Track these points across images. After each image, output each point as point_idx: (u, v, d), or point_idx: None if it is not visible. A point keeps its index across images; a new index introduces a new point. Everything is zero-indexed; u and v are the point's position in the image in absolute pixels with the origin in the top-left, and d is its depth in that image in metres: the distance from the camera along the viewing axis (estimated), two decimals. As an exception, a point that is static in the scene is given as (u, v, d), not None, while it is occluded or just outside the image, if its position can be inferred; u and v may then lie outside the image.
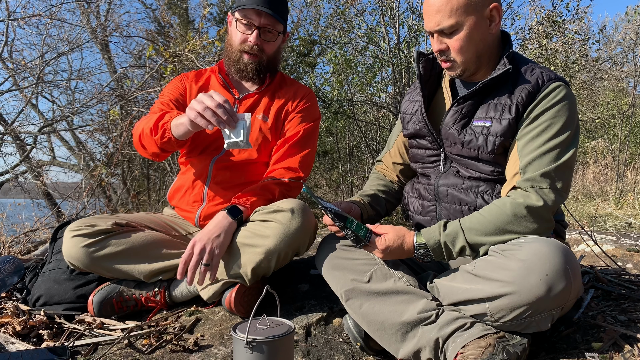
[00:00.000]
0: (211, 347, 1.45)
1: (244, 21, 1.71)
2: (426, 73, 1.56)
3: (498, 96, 1.40)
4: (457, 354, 1.21)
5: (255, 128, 1.78)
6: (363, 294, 1.37)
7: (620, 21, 15.45)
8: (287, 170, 1.73)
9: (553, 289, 1.14)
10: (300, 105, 1.83)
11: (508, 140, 1.37)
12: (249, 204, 1.60)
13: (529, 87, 1.35)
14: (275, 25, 1.73)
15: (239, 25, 1.73)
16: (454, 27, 1.34)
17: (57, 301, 1.69)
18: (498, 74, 1.37)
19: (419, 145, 1.58)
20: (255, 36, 1.71)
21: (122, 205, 5.52)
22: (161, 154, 1.68)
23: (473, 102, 1.42)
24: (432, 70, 1.58)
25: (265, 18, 1.69)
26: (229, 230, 1.54)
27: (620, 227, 4.59)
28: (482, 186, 1.43)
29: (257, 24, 1.70)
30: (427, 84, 1.56)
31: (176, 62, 4.65)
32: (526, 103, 1.35)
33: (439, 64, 1.57)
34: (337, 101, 7.21)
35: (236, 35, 1.74)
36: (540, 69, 1.39)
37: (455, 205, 1.46)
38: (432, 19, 1.35)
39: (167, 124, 1.57)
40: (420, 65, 1.55)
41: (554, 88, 1.34)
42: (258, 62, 1.76)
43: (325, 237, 1.56)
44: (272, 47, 1.77)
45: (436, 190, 1.50)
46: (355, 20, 7.40)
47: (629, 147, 9.05)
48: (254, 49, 1.72)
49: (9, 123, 7.29)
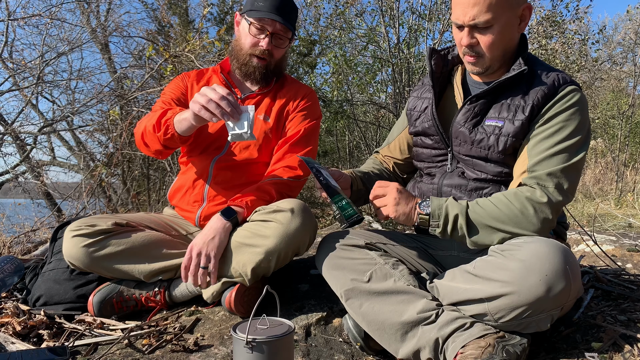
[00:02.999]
0: (211, 347, 1.45)
1: (257, 25, 1.72)
2: (438, 70, 1.54)
3: (512, 96, 1.39)
4: (456, 353, 1.21)
5: (257, 128, 1.78)
6: (363, 294, 1.37)
7: (620, 21, 15.46)
8: (287, 169, 1.73)
9: (553, 289, 1.14)
10: (302, 104, 1.83)
11: (519, 141, 1.36)
12: (244, 204, 1.60)
13: (545, 89, 1.35)
14: (286, 32, 1.75)
15: (251, 29, 1.73)
16: (489, 22, 1.31)
17: (57, 301, 1.69)
18: (514, 74, 1.36)
19: (424, 145, 1.58)
20: (268, 42, 1.73)
21: (122, 205, 5.52)
22: (164, 151, 1.68)
23: (486, 101, 1.42)
24: (444, 68, 1.56)
25: (279, 26, 1.72)
26: (224, 232, 1.55)
27: (620, 227, 4.59)
28: (487, 188, 1.42)
29: (271, 30, 1.72)
30: (438, 82, 1.55)
31: (176, 62, 4.65)
32: (542, 104, 1.35)
33: (449, 61, 1.57)
34: (337, 101, 7.20)
35: (247, 38, 1.75)
36: (556, 72, 1.39)
37: None
38: (468, 12, 1.31)
39: (169, 120, 1.57)
40: (432, 62, 1.53)
41: (570, 91, 1.35)
42: (266, 67, 1.78)
43: (325, 237, 1.56)
44: (280, 52, 1.80)
45: (439, 190, 1.50)
46: (355, 20, 7.40)
47: (629, 147, 9.05)
48: (264, 53, 1.74)
49: (9, 123, 7.30)
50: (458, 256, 1.49)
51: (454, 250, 1.52)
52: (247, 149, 1.79)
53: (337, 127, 8.02)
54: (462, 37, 1.37)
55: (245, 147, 1.79)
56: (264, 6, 1.70)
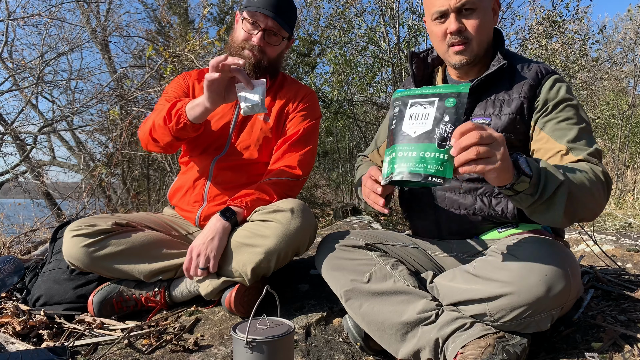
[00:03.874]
0: (211, 347, 1.45)
1: (250, 20, 1.72)
2: (419, 73, 1.56)
3: (495, 93, 1.40)
4: (456, 354, 1.21)
5: (257, 128, 1.79)
6: (363, 295, 1.37)
7: (620, 21, 15.46)
8: (287, 168, 1.73)
9: (552, 289, 1.14)
10: (301, 105, 1.83)
11: (508, 134, 1.36)
12: (243, 205, 1.61)
13: (530, 81, 1.37)
14: (280, 30, 1.74)
15: (245, 24, 1.74)
16: (475, 4, 1.35)
17: (57, 301, 1.69)
18: (495, 69, 1.38)
19: None
20: (259, 37, 1.72)
21: (122, 205, 5.52)
22: (175, 143, 1.68)
23: (470, 100, 1.42)
24: (425, 70, 1.58)
25: (271, 22, 1.71)
26: (224, 233, 1.55)
27: (620, 227, 4.59)
28: (481, 188, 1.42)
29: (263, 26, 1.71)
30: (420, 84, 1.55)
31: (176, 62, 4.65)
32: (531, 96, 1.36)
33: (429, 64, 1.58)
34: (337, 101, 7.21)
35: (241, 33, 1.75)
36: (537, 64, 1.42)
37: (455, 209, 1.46)
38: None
39: (181, 109, 1.59)
40: (413, 65, 1.54)
41: (556, 80, 1.38)
42: (258, 60, 1.76)
43: (325, 238, 1.56)
44: (274, 51, 1.78)
45: (434, 194, 1.50)
46: (355, 20, 7.41)
47: (629, 147, 9.06)
48: (255, 49, 1.73)
49: (9, 123, 7.29)
50: (457, 257, 1.49)
51: (453, 252, 1.51)
52: (248, 149, 1.79)
53: (337, 127, 8.02)
54: (447, 26, 1.38)
55: (245, 148, 1.79)
56: (258, 2, 1.71)
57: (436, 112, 1.06)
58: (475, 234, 1.48)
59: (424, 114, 1.08)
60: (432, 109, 1.07)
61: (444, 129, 1.03)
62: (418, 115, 1.08)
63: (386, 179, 1.09)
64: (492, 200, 1.41)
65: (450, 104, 1.05)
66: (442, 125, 1.04)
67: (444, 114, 1.05)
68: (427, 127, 1.05)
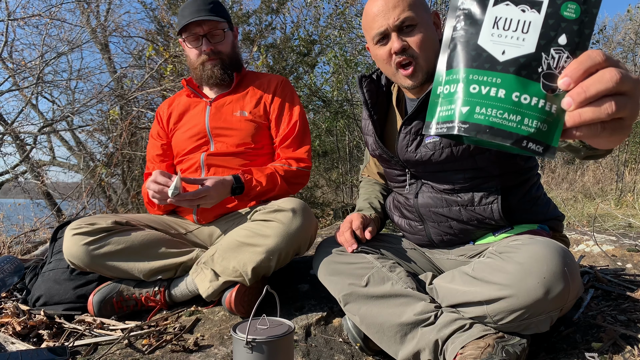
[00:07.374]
0: (211, 347, 1.45)
1: (190, 37, 1.81)
2: (372, 96, 1.51)
3: None
4: (456, 354, 1.21)
5: (234, 122, 1.85)
6: (361, 298, 1.37)
7: (620, 21, 15.44)
8: (293, 161, 1.82)
9: (551, 291, 1.13)
10: (278, 91, 1.90)
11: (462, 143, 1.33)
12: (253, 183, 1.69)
13: None
14: (217, 26, 1.81)
15: (188, 43, 1.83)
16: (414, 20, 1.32)
17: (57, 301, 1.69)
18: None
19: (386, 166, 1.57)
20: (206, 43, 1.81)
21: (122, 205, 5.52)
22: (169, 208, 1.90)
23: (419, 120, 1.40)
24: (379, 90, 1.54)
25: (206, 24, 1.78)
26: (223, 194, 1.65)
27: (620, 227, 4.60)
28: (460, 199, 1.41)
29: (202, 32, 1.79)
30: (376, 107, 1.52)
31: (176, 62, 4.65)
32: None
33: (384, 85, 1.55)
34: (337, 101, 7.21)
35: (191, 52, 1.85)
36: None
37: (442, 222, 1.46)
38: (391, 15, 1.31)
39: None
40: (365, 89, 1.50)
41: None
42: (221, 63, 1.84)
43: (321, 242, 1.56)
44: (226, 46, 1.85)
45: (418, 211, 1.50)
46: (355, 20, 7.41)
47: (629, 147, 9.05)
48: (210, 54, 1.81)
49: (9, 123, 7.29)
50: (455, 260, 1.49)
51: (451, 254, 1.51)
52: (232, 139, 1.83)
53: (337, 127, 8.02)
54: (390, 46, 1.34)
55: (230, 142, 1.83)
56: (185, 16, 1.78)
57: (543, 26, 0.64)
58: (471, 240, 1.48)
59: (522, 22, 0.65)
60: (538, 17, 0.64)
61: (556, 59, 0.62)
62: (509, 23, 0.65)
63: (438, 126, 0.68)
64: (476, 209, 1.40)
65: (571, 14, 0.63)
66: (553, 50, 0.63)
67: (558, 31, 0.63)
68: (526, 49, 0.63)
